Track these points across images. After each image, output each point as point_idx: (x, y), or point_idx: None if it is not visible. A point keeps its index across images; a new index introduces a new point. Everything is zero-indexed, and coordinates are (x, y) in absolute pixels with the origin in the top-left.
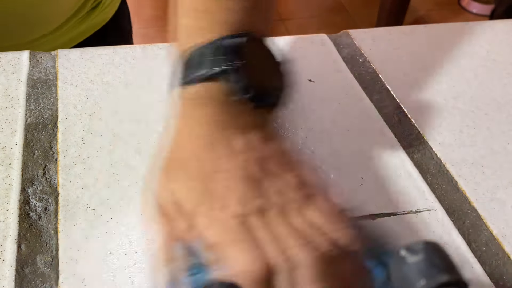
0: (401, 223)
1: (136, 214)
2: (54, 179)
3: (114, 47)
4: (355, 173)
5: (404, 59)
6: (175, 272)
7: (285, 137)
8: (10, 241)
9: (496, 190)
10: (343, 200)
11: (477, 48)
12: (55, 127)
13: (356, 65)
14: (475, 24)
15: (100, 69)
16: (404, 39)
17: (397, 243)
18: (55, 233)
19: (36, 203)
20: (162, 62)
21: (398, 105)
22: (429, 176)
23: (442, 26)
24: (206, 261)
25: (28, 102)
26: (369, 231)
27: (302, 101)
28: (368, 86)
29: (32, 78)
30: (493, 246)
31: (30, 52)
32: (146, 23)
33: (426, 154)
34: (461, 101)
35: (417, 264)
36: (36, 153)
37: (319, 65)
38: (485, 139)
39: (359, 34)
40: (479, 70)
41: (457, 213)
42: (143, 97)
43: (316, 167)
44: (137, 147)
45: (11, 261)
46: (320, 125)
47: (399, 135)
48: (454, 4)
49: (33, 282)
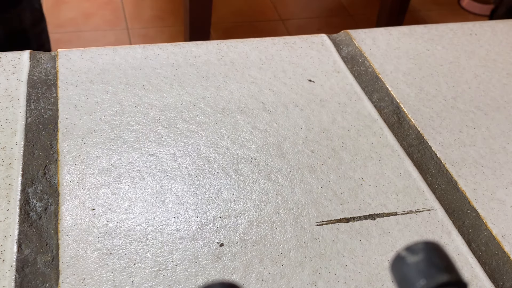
0: (401, 223)
1: (136, 214)
2: (54, 179)
3: (114, 47)
4: (355, 173)
5: (404, 59)
6: None
7: (285, 137)
8: (10, 241)
9: (496, 190)
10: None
11: (477, 48)
12: (56, 127)
13: (356, 65)
14: (475, 24)
15: (100, 69)
16: (404, 39)
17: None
18: (55, 233)
19: (36, 203)
20: (162, 62)
21: (398, 105)
22: (429, 176)
23: (442, 26)
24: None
25: (28, 102)
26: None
27: (302, 101)
28: (368, 86)
29: (32, 78)
30: (493, 246)
31: (31, 52)
32: (146, 23)
33: (426, 154)
34: (461, 101)
35: (417, 264)
36: (36, 153)
37: (319, 65)
38: (484, 139)
39: (359, 34)
40: (479, 70)
41: (456, 213)
42: (143, 97)
43: (316, 167)
44: (137, 147)
45: (11, 261)
46: (320, 125)
47: (399, 135)
48: (454, 4)
49: (33, 282)
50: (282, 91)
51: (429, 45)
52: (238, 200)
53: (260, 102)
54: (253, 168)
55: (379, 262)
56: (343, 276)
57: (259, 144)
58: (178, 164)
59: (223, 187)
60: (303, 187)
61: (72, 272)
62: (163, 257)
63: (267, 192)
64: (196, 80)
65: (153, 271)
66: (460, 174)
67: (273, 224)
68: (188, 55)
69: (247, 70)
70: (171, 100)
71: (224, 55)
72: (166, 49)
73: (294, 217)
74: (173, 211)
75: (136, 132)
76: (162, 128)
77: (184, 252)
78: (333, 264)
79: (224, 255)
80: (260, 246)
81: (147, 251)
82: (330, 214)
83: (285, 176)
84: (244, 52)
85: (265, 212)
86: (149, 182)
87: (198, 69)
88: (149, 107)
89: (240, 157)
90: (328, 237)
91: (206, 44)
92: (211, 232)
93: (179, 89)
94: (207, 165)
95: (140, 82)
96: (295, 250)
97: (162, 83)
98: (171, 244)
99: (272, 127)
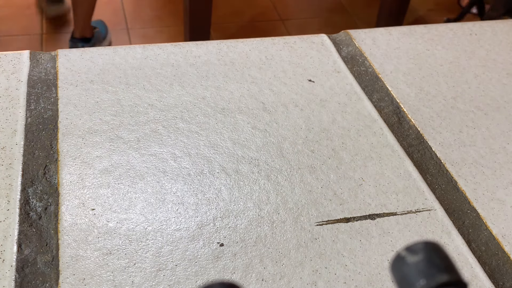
0: (401, 223)
1: (136, 214)
2: (54, 179)
3: (114, 47)
4: (355, 173)
5: (404, 59)
6: None
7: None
8: (10, 241)
9: (495, 190)
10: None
11: (477, 48)
12: (56, 127)
13: (356, 65)
14: (475, 24)
15: (100, 69)
16: (404, 39)
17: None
18: (55, 233)
19: (36, 203)
20: (162, 62)
21: (398, 105)
22: (429, 176)
23: (442, 26)
24: None
25: (28, 102)
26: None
27: (302, 101)
28: (368, 86)
29: (32, 78)
30: (493, 246)
31: (31, 52)
32: (146, 23)
33: (425, 154)
34: (461, 101)
35: (416, 264)
36: (36, 153)
37: (319, 65)
38: (484, 139)
39: (359, 34)
40: (479, 70)
41: (456, 213)
42: (143, 97)
43: (316, 167)
44: (137, 147)
45: (11, 261)
46: (320, 125)
47: (399, 135)
48: (454, 4)
49: (33, 282)
50: (282, 91)
51: (429, 45)
52: (238, 200)
53: (260, 102)
54: (253, 168)
55: (379, 262)
56: (343, 276)
57: (259, 144)
58: (178, 164)
59: (223, 187)
60: (303, 187)
61: (72, 272)
62: (163, 257)
63: (267, 192)
64: (196, 80)
65: (153, 271)
66: (460, 174)
67: (273, 224)
68: (188, 55)
69: (247, 70)
70: (171, 100)
71: (224, 55)
72: (166, 49)
73: (294, 217)
74: (173, 211)
75: (136, 132)
76: (162, 128)
77: (184, 252)
78: (333, 264)
79: (224, 255)
80: (260, 246)
81: (147, 251)
82: (330, 214)
83: (285, 176)
84: (244, 52)
85: (265, 212)
86: (149, 182)
87: (198, 69)
88: (149, 107)
89: (240, 157)
90: (328, 237)
91: (206, 44)
92: (211, 232)
93: (179, 89)
94: (207, 165)
95: (140, 82)
96: (295, 250)
97: (162, 83)
98: (171, 244)
99: (272, 127)
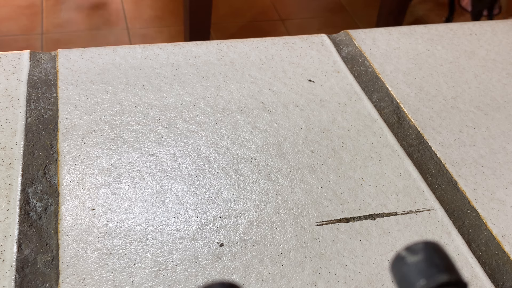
0: (401, 223)
1: (136, 214)
2: (54, 179)
3: (114, 47)
4: (355, 173)
5: (404, 59)
6: None
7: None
8: (10, 241)
9: (495, 190)
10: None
11: (477, 48)
12: (56, 127)
13: (356, 65)
14: (475, 24)
15: (100, 69)
16: (404, 39)
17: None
18: (55, 233)
19: (36, 203)
20: (162, 62)
21: (398, 105)
22: (429, 176)
23: (442, 26)
24: None
25: (28, 102)
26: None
27: (302, 101)
28: (368, 86)
29: (32, 78)
30: (493, 246)
31: (31, 52)
32: (146, 23)
33: (425, 154)
34: (461, 101)
35: (416, 264)
36: (36, 153)
37: (319, 65)
38: (484, 139)
39: (359, 34)
40: (479, 70)
41: (456, 213)
42: (143, 97)
43: (316, 167)
44: (137, 147)
45: (11, 261)
46: (320, 125)
47: (399, 135)
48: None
49: (33, 282)
50: (282, 91)
51: (429, 45)
52: (238, 200)
53: (260, 102)
54: (253, 168)
55: (379, 262)
56: (343, 276)
57: (259, 144)
58: (178, 164)
59: (223, 187)
60: (303, 187)
61: (72, 272)
62: (163, 257)
63: (267, 192)
64: (196, 80)
65: (153, 271)
66: (460, 174)
67: (273, 224)
68: (188, 55)
69: (247, 70)
70: (171, 100)
71: (224, 55)
72: (166, 49)
73: (294, 217)
74: (173, 211)
75: (136, 132)
76: (162, 128)
77: (184, 252)
78: (333, 264)
79: (224, 255)
80: (260, 246)
81: (147, 251)
82: (330, 214)
83: (285, 176)
84: (244, 52)
85: (265, 212)
86: (149, 182)
87: (198, 69)
88: (149, 107)
89: (240, 157)
90: (328, 237)
91: (206, 44)
92: (211, 232)
93: (179, 89)
94: (207, 165)
95: (140, 82)
96: (295, 250)
97: (162, 83)
98: (171, 244)
99: (272, 127)
